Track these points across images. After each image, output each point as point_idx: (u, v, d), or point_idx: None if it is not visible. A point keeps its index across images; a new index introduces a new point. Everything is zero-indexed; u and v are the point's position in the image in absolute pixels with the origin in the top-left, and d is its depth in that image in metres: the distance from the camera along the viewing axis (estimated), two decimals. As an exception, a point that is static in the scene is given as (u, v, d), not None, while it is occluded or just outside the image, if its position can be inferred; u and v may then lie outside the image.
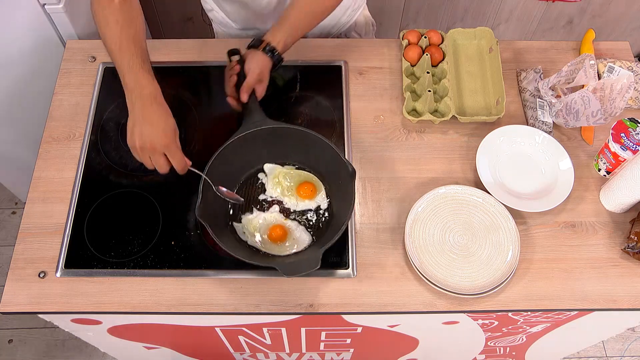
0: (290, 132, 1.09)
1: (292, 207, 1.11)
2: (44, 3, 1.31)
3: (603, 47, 1.34)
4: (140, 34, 0.94)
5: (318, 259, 0.93)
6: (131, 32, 0.92)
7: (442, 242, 1.07)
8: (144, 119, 0.90)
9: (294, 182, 1.12)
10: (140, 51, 0.91)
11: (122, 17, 0.92)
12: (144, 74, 0.90)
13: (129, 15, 0.93)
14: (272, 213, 1.10)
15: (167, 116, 0.92)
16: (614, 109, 1.14)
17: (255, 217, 1.09)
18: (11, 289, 1.03)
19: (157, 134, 0.90)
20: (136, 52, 0.91)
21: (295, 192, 1.11)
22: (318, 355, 1.52)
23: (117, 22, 0.92)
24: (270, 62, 1.08)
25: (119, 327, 1.18)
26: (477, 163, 1.13)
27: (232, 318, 1.13)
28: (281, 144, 1.11)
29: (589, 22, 2.14)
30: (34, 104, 1.52)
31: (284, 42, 1.08)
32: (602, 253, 1.08)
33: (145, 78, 0.90)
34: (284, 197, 1.11)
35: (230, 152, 1.06)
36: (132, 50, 0.91)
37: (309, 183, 1.11)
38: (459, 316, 1.14)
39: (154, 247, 1.08)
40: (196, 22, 2.08)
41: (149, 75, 0.91)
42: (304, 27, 1.11)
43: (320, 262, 0.93)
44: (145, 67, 0.91)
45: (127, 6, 0.94)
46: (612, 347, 1.96)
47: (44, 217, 1.10)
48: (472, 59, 1.31)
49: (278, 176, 1.12)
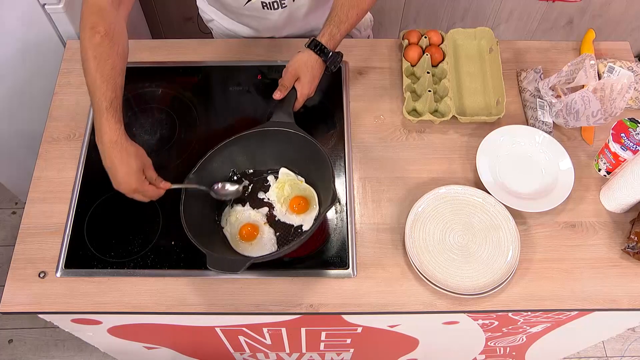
0: (305, 143, 1.07)
1: (279, 215, 1.10)
2: (44, 3, 1.31)
3: (603, 47, 1.34)
4: (116, 70, 0.94)
5: (240, 267, 0.91)
6: (106, 69, 0.92)
7: (442, 242, 1.07)
8: (109, 165, 0.93)
9: (293, 194, 1.11)
10: (110, 90, 0.92)
11: (99, 52, 0.92)
12: (107, 117, 0.91)
13: (108, 50, 0.93)
14: (258, 213, 1.10)
15: (128, 159, 0.92)
16: (614, 109, 1.14)
17: (243, 210, 1.09)
18: (11, 289, 1.03)
19: (122, 179, 0.93)
20: (105, 92, 0.91)
21: (287, 203, 1.10)
22: (318, 355, 1.52)
23: (94, 57, 0.92)
24: (313, 57, 1.08)
25: (119, 327, 1.18)
26: (477, 163, 1.13)
27: (232, 318, 1.13)
28: (298, 153, 1.09)
29: (589, 22, 2.14)
30: (34, 104, 1.52)
31: (328, 34, 1.08)
32: (602, 253, 1.08)
33: (107, 123, 0.91)
34: (277, 203, 1.11)
35: (249, 142, 1.08)
36: (103, 90, 0.91)
37: (303, 198, 1.09)
38: (459, 316, 1.14)
39: (154, 247, 1.08)
40: (196, 22, 2.08)
41: (112, 119, 0.91)
42: (348, 19, 1.09)
43: (242, 270, 0.91)
44: (110, 109, 0.91)
45: (108, 41, 0.93)
46: (612, 347, 1.96)
47: (44, 217, 1.10)
48: (472, 59, 1.31)
49: (285, 183, 1.11)
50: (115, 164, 0.92)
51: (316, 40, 1.08)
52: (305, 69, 1.08)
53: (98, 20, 0.93)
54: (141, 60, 1.30)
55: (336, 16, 1.09)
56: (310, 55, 1.08)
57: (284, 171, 1.13)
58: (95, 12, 0.94)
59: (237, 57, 1.31)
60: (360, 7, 1.10)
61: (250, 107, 1.25)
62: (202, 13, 1.40)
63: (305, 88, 1.09)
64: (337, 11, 1.09)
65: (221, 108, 1.27)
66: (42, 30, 1.37)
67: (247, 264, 0.91)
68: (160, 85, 1.27)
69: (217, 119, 1.25)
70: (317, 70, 1.10)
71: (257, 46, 1.32)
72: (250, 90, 1.27)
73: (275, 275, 1.05)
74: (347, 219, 1.10)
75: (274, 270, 1.06)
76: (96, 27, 0.92)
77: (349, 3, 1.09)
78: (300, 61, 1.08)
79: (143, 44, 1.33)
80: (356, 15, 1.10)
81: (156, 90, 1.27)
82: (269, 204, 1.11)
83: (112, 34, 0.94)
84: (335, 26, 1.08)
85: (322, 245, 1.08)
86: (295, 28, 1.33)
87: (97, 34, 0.92)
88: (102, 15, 0.94)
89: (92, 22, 0.93)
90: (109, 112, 0.91)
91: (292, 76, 1.08)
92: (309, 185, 1.11)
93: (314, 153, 1.05)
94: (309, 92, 1.10)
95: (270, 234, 1.08)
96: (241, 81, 1.28)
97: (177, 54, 1.31)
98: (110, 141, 0.91)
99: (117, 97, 0.93)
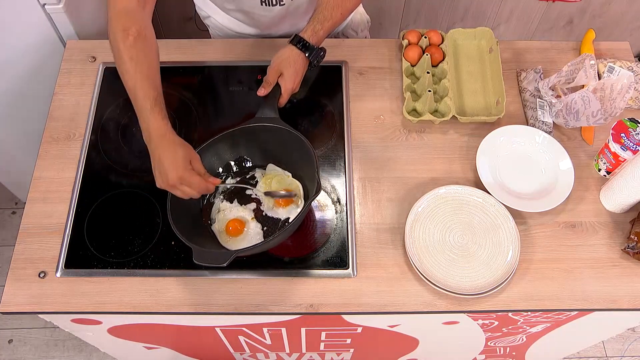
0: (290, 137, 1.07)
1: (266, 210, 1.11)
2: (44, 3, 1.31)
3: (603, 47, 1.34)
4: (153, 69, 0.96)
5: (225, 260, 0.91)
6: (144, 69, 0.94)
7: (442, 242, 1.07)
8: (156, 159, 0.93)
9: (279, 189, 1.11)
10: (152, 89, 0.93)
11: (136, 53, 0.94)
12: (153, 115, 0.92)
13: (143, 51, 0.95)
14: (245, 209, 1.10)
15: (175, 148, 0.93)
16: (614, 109, 1.14)
17: (231, 207, 1.10)
18: (11, 289, 1.03)
19: (168, 169, 0.92)
20: (148, 92, 0.93)
21: None
22: (318, 355, 1.52)
23: (131, 59, 0.93)
24: (295, 51, 1.09)
25: (119, 327, 1.18)
26: (477, 163, 1.13)
27: (232, 318, 1.13)
28: (284, 147, 1.10)
29: (589, 22, 2.14)
30: (34, 104, 1.52)
31: (311, 30, 1.09)
32: (602, 253, 1.08)
33: (155, 120, 0.93)
34: (264, 199, 1.11)
35: (234, 140, 1.09)
36: (145, 89, 0.93)
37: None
38: (459, 316, 1.14)
39: (154, 247, 1.08)
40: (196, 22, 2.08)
41: (158, 116, 0.93)
42: (332, 17, 1.11)
43: (228, 263, 0.90)
44: (156, 108, 0.93)
45: (141, 42, 0.95)
46: (612, 347, 1.96)
47: (44, 217, 1.10)
48: (472, 59, 1.31)
49: (272, 178, 1.12)
50: (163, 157, 0.92)
51: (299, 36, 1.10)
52: (287, 64, 1.09)
53: (129, 22, 0.94)
54: (141, 60, 1.30)
55: (320, 13, 1.11)
56: (292, 51, 1.09)
57: (271, 167, 1.14)
58: (124, 14, 0.95)
59: (237, 57, 1.31)
60: (345, 7, 1.13)
61: (251, 107, 1.25)
62: (199, 10, 1.40)
63: (288, 83, 1.10)
64: (322, 9, 1.11)
65: (221, 108, 1.27)
66: (42, 30, 1.37)
67: (232, 256, 0.91)
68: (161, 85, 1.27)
69: (217, 119, 1.25)
70: (300, 65, 1.10)
71: (257, 46, 1.32)
72: (250, 90, 1.27)
73: (275, 275, 1.05)
74: (347, 219, 1.10)
75: (274, 270, 1.06)
76: (128, 29, 0.94)
77: (333, 2, 1.11)
78: (282, 57, 1.10)
79: (143, 44, 1.33)
80: (340, 15, 1.12)
81: (156, 90, 1.27)
82: (256, 200, 1.12)
83: (144, 34, 0.95)
84: (319, 23, 1.10)
85: (322, 245, 1.08)
86: (293, 26, 1.33)
87: (130, 36, 0.93)
88: (131, 16, 0.95)
89: (123, 24, 0.94)
90: (154, 110, 0.92)
91: (275, 72, 1.10)
92: (295, 180, 1.12)
93: (299, 146, 1.05)
94: (293, 86, 1.11)
95: (257, 228, 1.09)
96: (241, 81, 1.28)
97: (177, 54, 1.32)
98: (158, 135, 0.92)
99: (160, 95, 0.95)
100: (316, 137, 1.20)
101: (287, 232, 1.00)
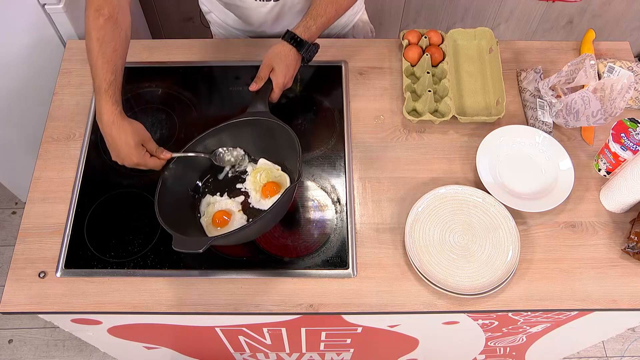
0: (279, 130, 1.08)
1: (253, 203, 1.11)
2: (44, 3, 1.31)
3: (603, 47, 1.34)
4: (118, 52, 0.98)
5: (202, 246, 0.91)
6: (108, 52, 0.96)
7: (442, 242, 1.07)
8: (109, 142, 0.99)
9: (267, 181, 1.11)
10: (109, 73, 0.96)
11: (103, 34, 0.96)
12: (105, 98, 0.95)
13: (111, 34, 0.97)
14: (233, 202, 1.11)
15: (126, 136, 0.96)
16: (614, 109, 1.14)
17: (220, 200, 1.10)
18: (11, 289, 1.03)
19: (124, 154, 0.98)
20: (105, 74, 0.95)
21: (260, 189, 1.11)
22: (318, 355, 1.52)
23: (97, 39, 0.96)
24: (287, 47, 1.09)
25: (119, 327, 1.18)
26: (477, 163, 1.13)
27: (232, 318, 1.13)
28: (274, 140, 1.10)
29: (589, 22, 2.14)
30: (34, 104, 1.52)
31: (303, 26, 1.10)
32: (602, 253, 1.08)
33: (106, 103, 0.96)
34: (253, 191, 1.12)
35: (225, 134, 1.10)
36: (103, 71, 0.95)
37: (275, 184, 1.10)
38: (459, 316, 1.14)
39: (154, 247, 1.08)
40: (196, 22, 2.08)
41: (110, 99, 0.96)
42: (325, 13, 1.12)
43: (204, 249, 0.90)
44: (109, 90, 0.95)
45: (112, 24, 0.97)
46: (612, 347, 1.96)
47: (44, 217, 1.10)
48: (472, 59, 1.31)
49: (261, 172, 1.12)
50: (115, 142, 0.97)
51: (291, 32, 1.10)
52: (278, 59, 1.09)
53: (103, 3, 0.97)
54: (141, 60, 1.30)
55: (314, 10, 1.12)
56: (284, 46, 1.10)
57: (262, 161, 1.14)
58: None
59: (237, 57, 1.31)
60: (340, 4, 1.13)
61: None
62: (201, 5, 1.41)
63: (279, 77, 1.10)
64: (316, 5, 1.12)
65: (221, 108, 1.27)
66: (42, 30, 1.37)
67: (209, 242, 0.92)
68: (160, 85, 1.27)
69: (217, 118, 1.25)
70: (292, 60, 1.10)
71: (257, 46, 1.32)
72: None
73: (275, 275, 1.05)
74: (347, 219, 1.10)
75: (274, 270, 1.06)
76: (101, 9, 0.97)
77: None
78: (274, 52, 1.10)
79: (143, 44, 1.33)
80: (335, 11, 1.13)
81: (156, 90, 1.27)
82: (245, 193, 1.12)
83: (115, 17, 0.98)
84: (312, 19, 1.11)
85: (322, 245, 1.08)
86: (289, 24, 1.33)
87: (101, 17, 0.96)
88: None
89: (97, 4, 0.97)
90: (107, 93, 0.95)
91: (266, 67, 1.10)
92: (284, 173, 1.12)
93: (287, 138, 1.06)
94: (284, 81, 1.11)
95: (242, 220, 1.09)
96: (241, 81, 1.28)
97: (177, 54, 1.32)
98: (108, 121, 0.96)
99: (117, 80, 0.97)
100: (316, 137, 1.20)
101: (264, 220, 0.99)
